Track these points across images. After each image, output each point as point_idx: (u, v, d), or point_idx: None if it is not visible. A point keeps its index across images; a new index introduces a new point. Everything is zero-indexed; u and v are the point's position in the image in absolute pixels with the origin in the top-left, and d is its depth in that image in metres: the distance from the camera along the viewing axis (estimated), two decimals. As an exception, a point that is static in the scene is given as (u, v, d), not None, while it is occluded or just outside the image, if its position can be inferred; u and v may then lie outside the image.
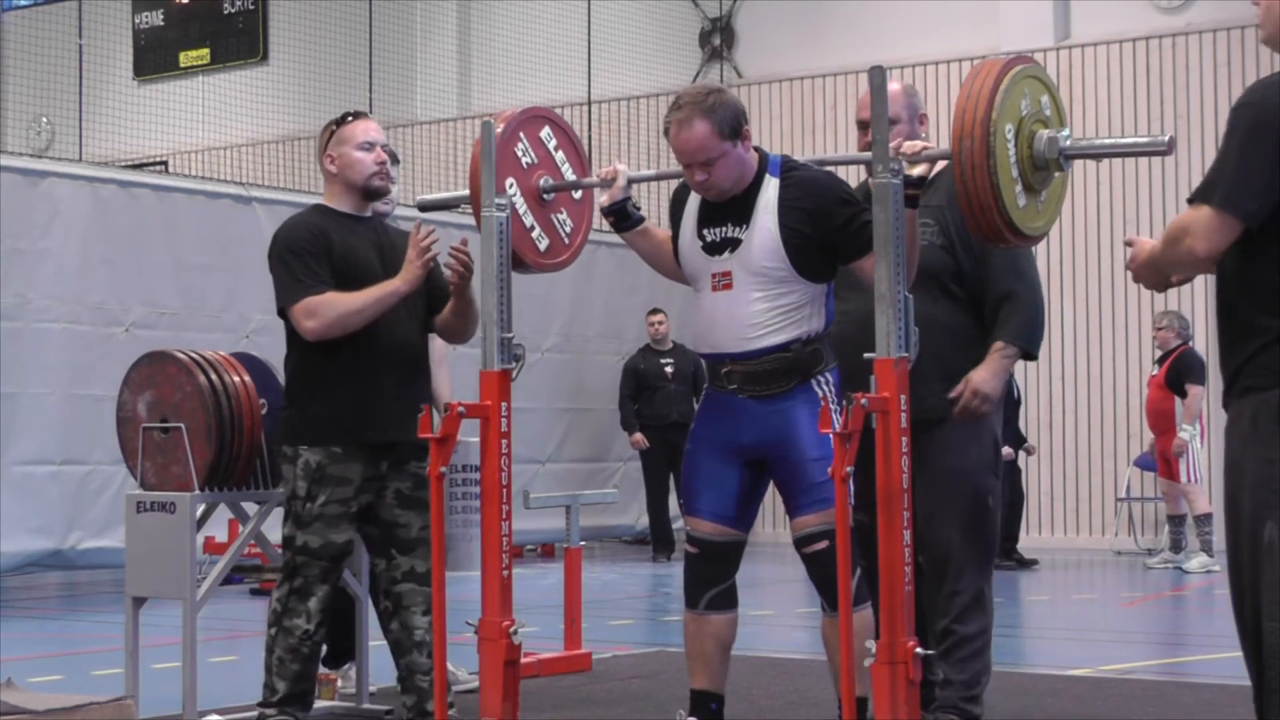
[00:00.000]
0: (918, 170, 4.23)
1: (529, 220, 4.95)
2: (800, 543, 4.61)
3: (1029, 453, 13.31)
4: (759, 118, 16.29)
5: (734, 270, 4.61)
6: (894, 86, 4.99)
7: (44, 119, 18.74)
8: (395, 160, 6.25)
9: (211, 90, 18.67)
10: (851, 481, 4.46)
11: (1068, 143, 4.10)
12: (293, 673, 5.10)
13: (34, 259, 10.47)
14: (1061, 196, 4.30)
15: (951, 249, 4.97)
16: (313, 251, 5.09)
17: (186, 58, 19.64)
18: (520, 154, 4.96)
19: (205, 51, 19.52)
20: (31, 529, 10.40)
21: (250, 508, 5.67)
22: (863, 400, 3.94)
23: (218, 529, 9.02)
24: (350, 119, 5.29)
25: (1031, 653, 8.14)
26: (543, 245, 5.02)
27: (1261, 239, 3.47)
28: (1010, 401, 12.42)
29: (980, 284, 5.00)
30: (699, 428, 4.79)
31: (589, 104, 16.49)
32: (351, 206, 5.25)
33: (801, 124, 16.08)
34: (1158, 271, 3.71)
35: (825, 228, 4.54)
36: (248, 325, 11.36)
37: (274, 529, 5.38)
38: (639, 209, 4.91)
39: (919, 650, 3.99)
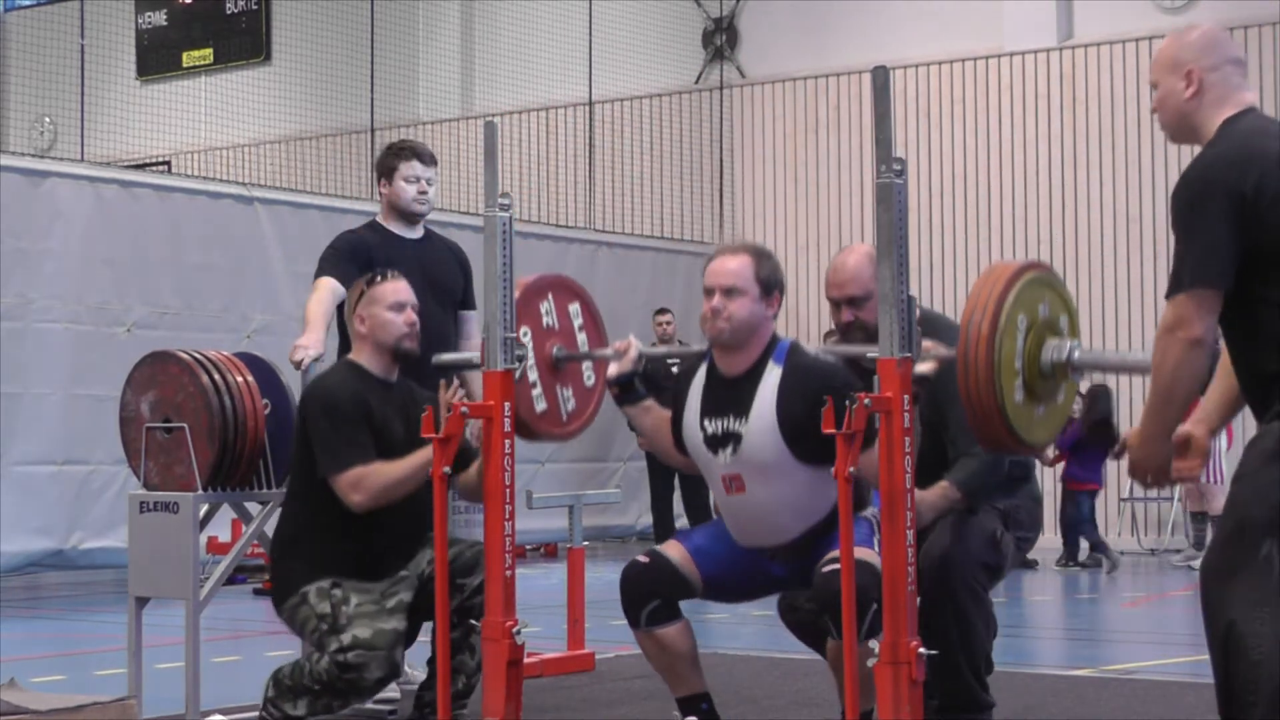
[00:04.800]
0: (922, 368, 4.13)
1: (533, 377, 4.91)
2: (819, 565, 4.54)
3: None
4: (762, 118, 16.29)
5: (742, 473, 4.59)
6: (860, 256, 4.81)
7: (46, 119, 18.74)
8: (433, 161, 6.26)
9: (214, 90, 18.67)
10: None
11: (1077, 354, 4.03)
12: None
13: (36, 259, 10.48)
14: (1066, 412, 4.23)
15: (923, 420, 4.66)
16: (356, 419, 5.04)
17: (189, 58, 19.63)
18: (544, 311, 4.96)
19: (208, 51, 19.52)
20: (33, 529, 10.41)
21: (253, 508, 5.66)
22: (866, 400, 3.94)
23: (220, 529, 9.01)
24: (379, 279, 5.24)
25: (1033, 653, 8.13)
26: (539, 407, 4.97)
27: (1256, 289, 3.53)
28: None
29: (938, 433, 4.80)
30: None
31: (590, 104, 16.49)
32: (381, 369, 5.20)
33: (804, 124, 16.06)
34: (1164, 418, 3.60)
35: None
36: (249, 325, 11.36)
37: (276, 529, 5.38)
38: (645, 387, 4.87)
39: (922, 650, 3.99)
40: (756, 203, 16.25)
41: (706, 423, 4.66)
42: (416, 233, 6.27)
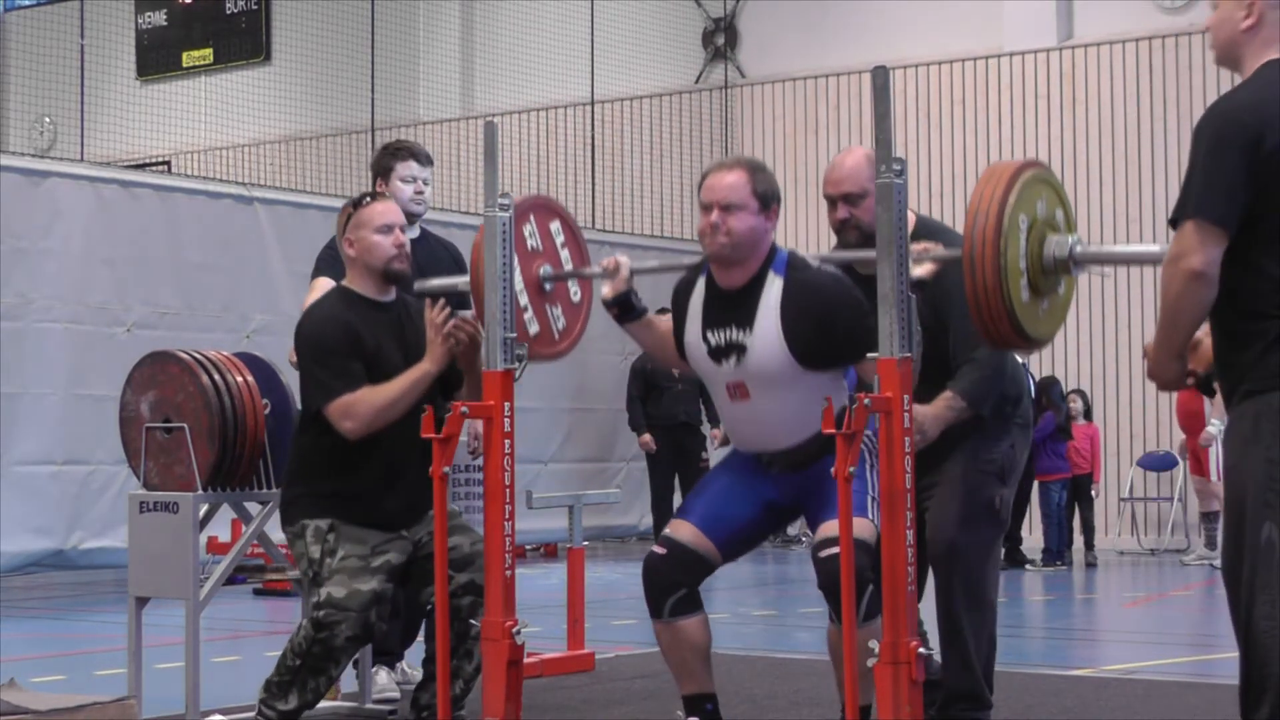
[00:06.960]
0: (920, 271, 4.16)
1: (523, 301, 4.92)
2: (817, 547, 4.55)
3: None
4: (762, 117, 16.29)
5: (745, 381, 4.61)
6: (859, 156, 4.92)
7: (46, 119, 18.75)
8: (429, 161, 6.29)
9: (214, 90, 18.68)
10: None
11: (1079, 249, 4.06)
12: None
13: (36, 259, 10.48)
14: (1067, 305, 4.26)
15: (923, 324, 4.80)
16: (344, 350, 5.03)
17: (189, 58, 19.64)
18: (527, 235, 4.97)
19: (208, 51, 19.53)
20: (33, 529, 10.40)
21: (253, 508, 5.66)
22: (866, 400, 3.94)
23: (220, 529, 9.01)
24: (368, 200, 5.23)
25: (1034, 653, 8.13)
26: (532, 330, 4.99)
27: (1239, 248, 3.52)
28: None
29: (940, 339, 4.82)
30: (732, 459, 4.80)
31: (592, 104, 16.48)
32: (374, 290, 5.19)
33: (804, 124, 16.07)
34: (1171, 341, 3.63)
35: (829, 333, 4.47)
36: (249, 325, 11.36)
37: (276, 529, 5.38)
38: (641, 301, 4.86)
39: (921, 650, 3.99)
40: (757, 203, 16.23)
41: (710, 334, 4.67)
42: (413, 232, 6.28)
